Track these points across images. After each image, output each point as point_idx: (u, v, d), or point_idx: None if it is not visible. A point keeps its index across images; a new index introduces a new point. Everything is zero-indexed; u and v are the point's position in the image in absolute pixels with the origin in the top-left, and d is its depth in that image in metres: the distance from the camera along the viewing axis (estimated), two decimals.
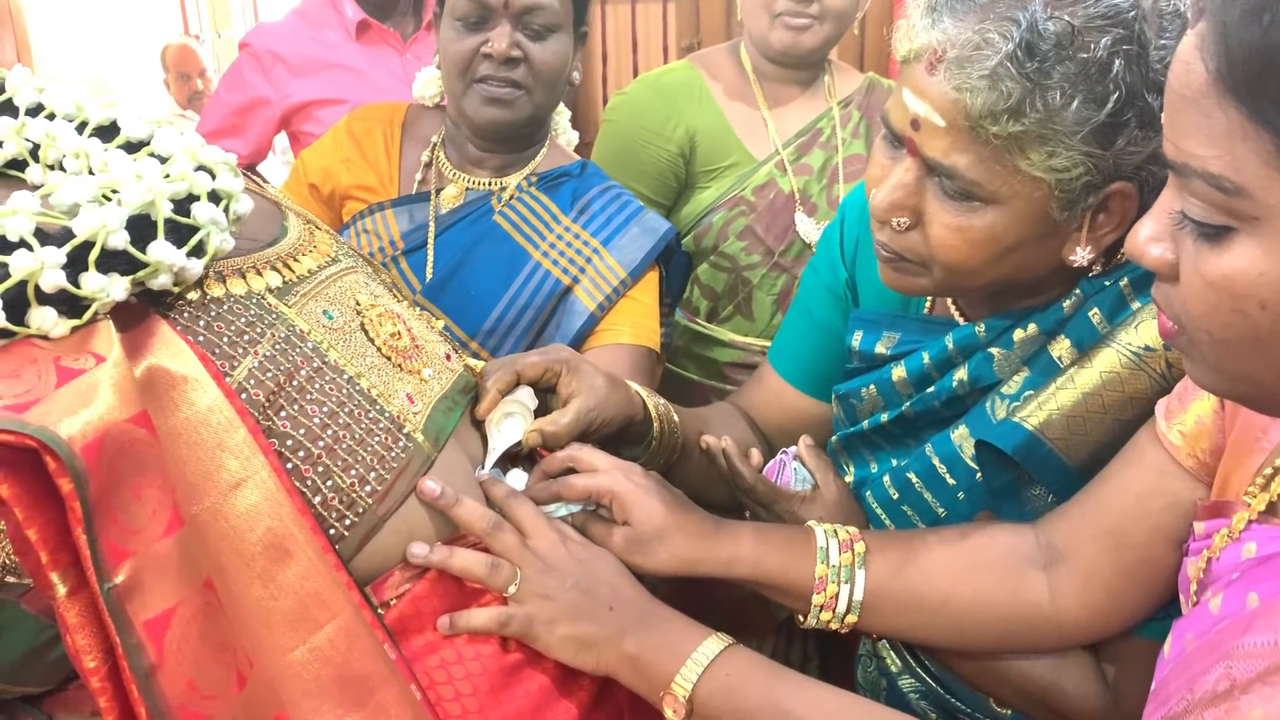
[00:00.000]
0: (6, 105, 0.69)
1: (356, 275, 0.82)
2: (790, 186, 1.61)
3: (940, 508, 0.94)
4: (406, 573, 0.71)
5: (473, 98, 1.22)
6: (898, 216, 0.83)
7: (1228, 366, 0.55)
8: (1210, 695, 0.57)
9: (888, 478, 0.98)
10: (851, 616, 0.83)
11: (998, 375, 0.90)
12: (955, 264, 0.82)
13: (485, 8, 1.18)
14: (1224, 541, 0.65)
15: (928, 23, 0.78)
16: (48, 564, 0.57)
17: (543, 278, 1.24)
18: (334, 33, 2.03)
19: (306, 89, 1.98)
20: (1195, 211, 0.52)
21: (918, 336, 0.98)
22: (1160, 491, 0.76)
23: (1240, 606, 0.60)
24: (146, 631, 0.60)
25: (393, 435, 0.72)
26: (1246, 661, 0.56)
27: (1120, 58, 0.73)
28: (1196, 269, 0.53)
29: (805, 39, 1.54)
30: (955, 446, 0.91)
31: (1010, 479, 0.88)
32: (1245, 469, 0.68)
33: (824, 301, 1.11)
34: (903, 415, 0.97)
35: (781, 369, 1.14)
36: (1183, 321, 0.56)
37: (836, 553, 0.83)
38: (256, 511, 0.63)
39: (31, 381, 0.57)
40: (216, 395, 0.63)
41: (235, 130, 2.05)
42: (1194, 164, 0.51)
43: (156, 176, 0.64)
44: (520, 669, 0.74)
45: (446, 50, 1.22)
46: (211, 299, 0.68)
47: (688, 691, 0.72)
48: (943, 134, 0.77)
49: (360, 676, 0.65)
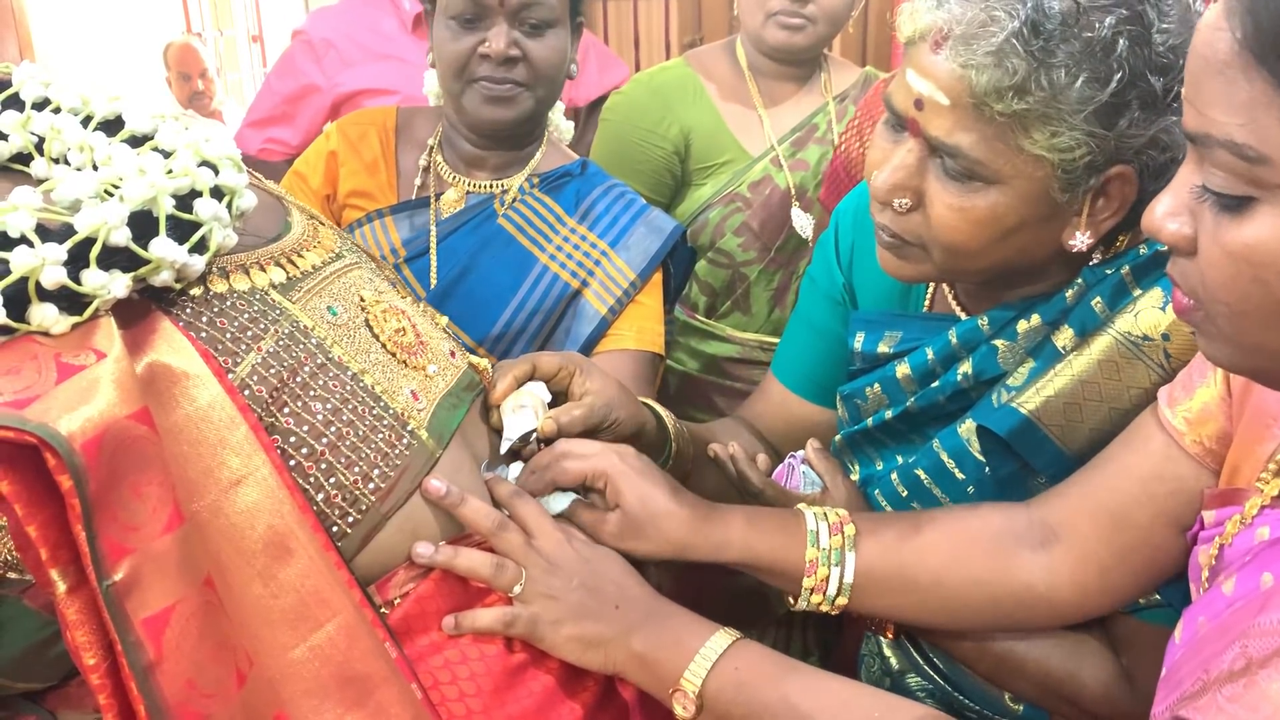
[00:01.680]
0: (13, 100, 0.68)
1: (360, 271, 0.81)
2: (786, 182, 1.61)
3: (951, 503, 0.94)
4: (411, 572, 0.71)
5: (472, 97, 1.20)
6: (899, 197, 0.83)
7: (1246, 339, 0.56)
8: (1227, 674, 0.57)
9: (895, 475, 0.98)
10: (842, 599, 0.84)
11: (1003, 367, 0.90)
12: (956, 245, 0.82)
13: (481, 6, 1.16)
14: (1236, 528, 0.65)
15: (933, 3, 0.79)
16: (48, 561, 0.57)
17: (551, 281, 1.22)
18: (390, 23, 2.02)
19: (358, 78, 1.97)
20: (1216, 183, 0.52)
21: (920, 334, 0.98)
22: (1164, 476, 0.76)
23: (1254, 587, 0.60)
24: (145, 629, 0.59)
25: (396, 432, 0.72)
26: (1263, 639, 0.56)
27: (1124, 38, 0.74)
28: (1216, 240, 0.53)
29: (799, 38, 1.56)
30: (963, 440, 0.91)
31: (1015, 468, 0.88)
32: (1256, 456, 0.68)
33: (823, 308, 1.11)
34: (907, 411, 0.96)
35: (785, 378, 1.15)
36: (1200, 295, 0.56)
37: (827, 535, 0.83)
38: (257, 509, 0.63)
39: (32, 378, 0.56)
40: (218, 392, 0.63)
41: (285, 119, 2.04)
42: (1217, 132, 0.51)
43: (159, 172, 0.64)
44: (525, 669, 0.74)
45: (442, 50, 1.20)
46: (214, 295, 0.68)
47: (697, 687, 0.72)
48: (947, 113, 0.78)
49: (360, 675, 0.64)
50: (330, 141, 1.32)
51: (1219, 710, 0.56)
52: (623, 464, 0.82)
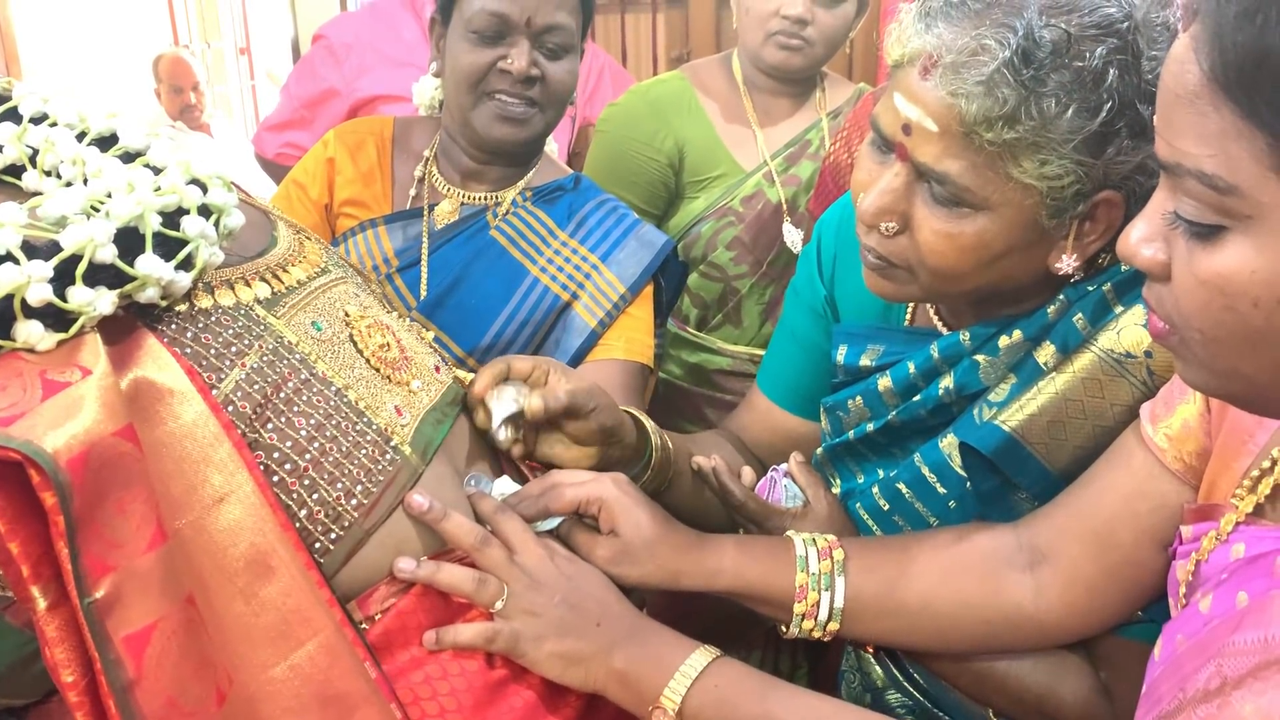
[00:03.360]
0: (10, 113, 0.69)
1: (346, 286, 0.82)
2: (778, 197, 1.63)
3: (932, 517, 0.94)
4: (392, 587, 0.71)
5: (483, 113, 1.20)
6: (886, 221, 0.83)
7: (1220, 365, 0.56)
8: (1202, 693, 0.57)
9: (876, 489, 0.98)
10: (833, 624, 0.84)
11: (984, 382, 0.91)
12: (943, 269, 0.83)
13: (507, 23, 1.16)
14: (1212, 544, 0.66)
15: (921, 27, 0.78)
16: (29, 577, 0.57)
17: (541, 294, 1.23)
18: (411, 31, 2.02)
19: (375, 83, 1.97)
20: (1188, 211, 0.53)
21: (902, 347, 0.98)
22: (1147, 494, 0.76)
23: (1230, 606, 0.61)
24: (126, 647, 0.59)
25: (380, 448, 0.72)
26: (1237, 659, 0.56)
27: (1115, 67, 0.74)
28: (1189, 268, 0.54)
29: (797, 59, 1.58)
30: (944, 455, 0.92)
31: (997, 484, 0.88)
32: (1232, 472, 0.69)
33: (806, 320, 1.11)
34: (889, 425, 0.97)
35: (769, 391, 1.15)
36: (1174, 321, 0.57)
37: (816, 560, 0.84)
38: (239, 527, 0.63)
39: (17, 395, 0.57)
40: (202, 409, 0.63)
41: (304, 123, 2.04)
42: (1187, 163, 0.52)
43: (147, 189, 0.64)
44: (505, 685, 0.74)
45: (458, 62, 1.19)
46: (199, 310, 0.68)
47: (677, 705, 0.72)
48: (935, 139, 0.78)
49: (340, 695, 0.64)
50: (328, 149, 1.32)
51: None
52: (617, 490, 0.83)
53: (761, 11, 1.56)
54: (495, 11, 1.16)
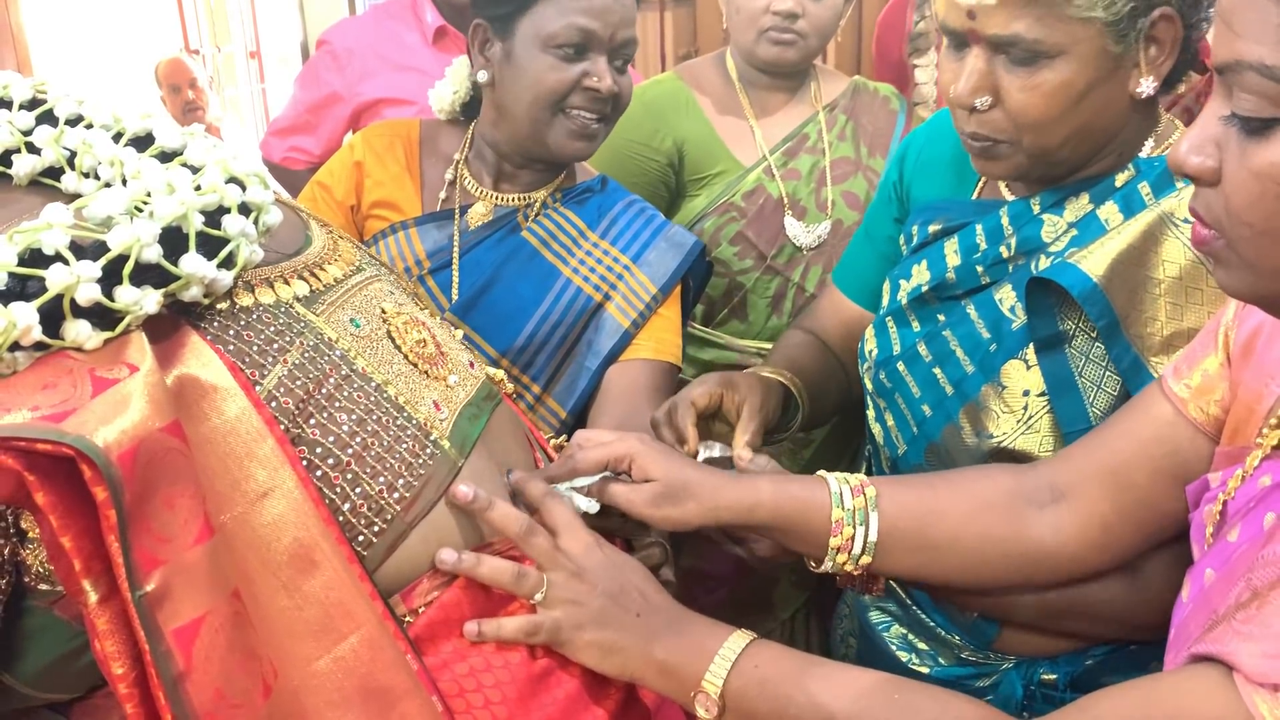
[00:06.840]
0: (46, 116, 0.70)
1: (381, 283, 0.82)
2: (779, 191, 1.64)
3: (971, 365, 0.99)
4: (435, 580, 0.72)
5: (560, 129, 1.19)
6: (980, 97, 0.92)
7: (1266, 263, 0.58)
8: (1235, 605, 0.59)
9: (922, 343, 1.04)
10: (866, 557, 0.86)
11: (1045, 240, 0.97)
12: (1040, 122, 0.90)
13: (592, 38, 1.15)
14: (1238, 482, 0.68)
15: None
16: (80, 571, 0.57)
17: (574, 294, 1.24)
18: (413, 36, 2.03)
19: (378, 87, 1.99)
20: (1246, 107, 0.56)
21: (971, 215, 1.05)
22: (1164, 439, 0.80)
23: (1258, 529, 0.63)
24: (175, 639, 0.60)
25: (420, 442, 0.73)
26: (1267, 569, 0.58)
27: None
28: (1242, 164, 0.56)
29: (790, 53, 1.60)
30: (998, 306, 0.98)
31: (1056, 330, 0.93)
32: (1256, 415, 0.71)
33: (878, 210, 1.22)
34: (945, 281, 1.03)
35: (842, 285, 1.27)
36: (1223, 223, 0.59)
37: (850, 497, 0.86)
38: (283, 521, 0.63)
39: (68, 392, 0.57)
40: (245, 405, 0.64)
41: (308, 128, 2.06)
42: (1249, 57, 0.54)
43: (188, 189, 0.65)
44: (548, 676, 0.74)
45: (541, 78, 1.16)
46: (241, 308, 0.69)
47: (719, 687, 0.73)
48: (997, 10, 0.87)
49: (383, 688, 0.65)
50: (355, 152, 1.31)
51: (1234, 634, 0.58)
52: (643, 444, 0.85)
53: (752, 9, 1.57)
54: (584, 28, 1.15)
